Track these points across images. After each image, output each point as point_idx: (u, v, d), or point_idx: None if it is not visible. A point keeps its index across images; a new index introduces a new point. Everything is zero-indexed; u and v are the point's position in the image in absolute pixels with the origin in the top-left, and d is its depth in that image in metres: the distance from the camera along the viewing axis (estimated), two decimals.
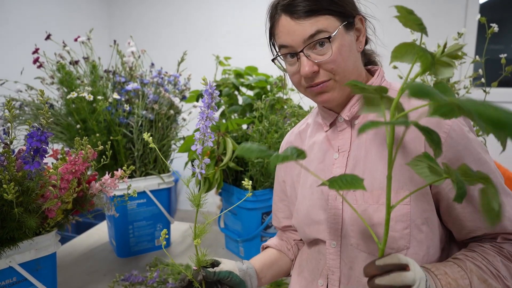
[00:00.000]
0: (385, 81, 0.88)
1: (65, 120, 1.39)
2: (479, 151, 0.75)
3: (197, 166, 0.77)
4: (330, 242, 0.84)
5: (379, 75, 0.88)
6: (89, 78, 1.47)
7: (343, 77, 0.80)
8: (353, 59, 0.81)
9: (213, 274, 0.85)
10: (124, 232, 1.44)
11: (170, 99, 1.49)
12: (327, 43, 0.77)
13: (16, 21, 3.18)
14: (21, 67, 1.49)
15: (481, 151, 0.76)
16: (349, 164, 0.84)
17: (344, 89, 0.81)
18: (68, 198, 0.94)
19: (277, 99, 1.62)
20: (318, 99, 0.83)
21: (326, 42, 0.77)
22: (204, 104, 0.76)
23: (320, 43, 0.77)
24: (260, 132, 1.43)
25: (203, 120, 0.75)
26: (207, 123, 0.75)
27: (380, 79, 0.87)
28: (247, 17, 3.92)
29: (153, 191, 1.46)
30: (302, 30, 0.77)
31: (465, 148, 0.74)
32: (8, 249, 0.85)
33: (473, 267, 0.71)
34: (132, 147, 1.45)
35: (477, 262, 0.72)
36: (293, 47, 0.79)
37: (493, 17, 3.46)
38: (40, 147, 0.83)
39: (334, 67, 0.78)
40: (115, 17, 4.38)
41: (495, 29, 1.20)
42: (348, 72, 0.80)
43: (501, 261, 0.72)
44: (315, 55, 0.78)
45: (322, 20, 0.76)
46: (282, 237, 1.08)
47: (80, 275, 1.31)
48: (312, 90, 0.82)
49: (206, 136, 0.75)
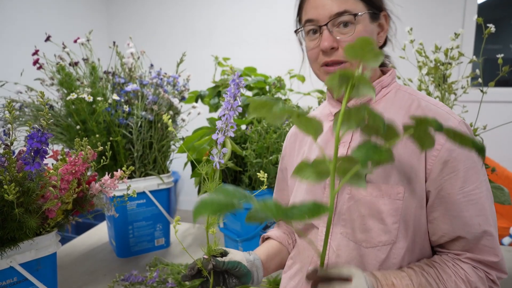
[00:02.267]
0: (396, 82, 0.90)
1: (65, 121, 1.39)
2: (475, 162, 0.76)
3: (216, 155, 0.76)
4: (322, 229, 0.86)
5: (390, 74, 0.89)
6: (88, 79, 1.47)
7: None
8: None
9: (223, 263, 0.86)
10: (124, 232, 1.44)
11: (169, 100, 1.49)
12: (351, 25, 0.80)
13: (16, 23, 3.19)
14: (21, 69, 1.50)
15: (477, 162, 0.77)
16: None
17: None
18: (68, 198, 0.94)
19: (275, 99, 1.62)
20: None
21: (350, 23, 0.79)
22: (230, 94, 0.75)
23: (345, 24, 0.80)
24: (259, 133, 1.44)
25: (228, 110, 0.74)
26: (231, 113, 0.75)
27: (391, 78, 0.89)
28: (246, 19, 3.93)
29: (152, 192, 1.47)
30: (330, 6, 0.79)
31: (462, 153, 0.75)
32: (9, 249, 0.85)
33: (424, 282, 0.73)
34: (132, 147, 1.45)
35: (430, 279, 0.74)
36: (318, 21, 0.81)
37: (491, 17, 3.47)
38: (41, 148, 0.84)
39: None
40: (114, 18, 4.39)
41: (492, 30, 1.21)
42: None
43: (455, 282, 0.74)
44: (337, 32, 0.80)
45: (351, 2, 0.79)
46: (283, 230, 1.09)
47: (80, 275, 1.32)
48: (328, 70, 0.84)
49: (228, 126, 0.75)
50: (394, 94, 0.86)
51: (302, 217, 0.46)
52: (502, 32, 3.51)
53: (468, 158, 0.75)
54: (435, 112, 0.79)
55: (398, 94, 0.86)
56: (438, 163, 0.76)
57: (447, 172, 0.75)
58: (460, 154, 0.75)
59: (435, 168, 0.76)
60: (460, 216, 0.76)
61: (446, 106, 0.82)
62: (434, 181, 0.76)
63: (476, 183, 0.75)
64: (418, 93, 0.86)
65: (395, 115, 0.82)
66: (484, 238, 0.76)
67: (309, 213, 0.46)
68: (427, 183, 0.77)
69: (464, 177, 0.75)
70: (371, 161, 0.47)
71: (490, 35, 1.22)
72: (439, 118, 0.77)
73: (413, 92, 0.86)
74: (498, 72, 1.23)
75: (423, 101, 0.82)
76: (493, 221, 0.77)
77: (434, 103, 0.82)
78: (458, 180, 0.75)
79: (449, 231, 0.77)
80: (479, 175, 0.76)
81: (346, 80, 0.50)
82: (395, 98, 0.85)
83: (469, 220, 0.75)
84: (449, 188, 0.76)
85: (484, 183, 0.77)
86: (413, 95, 0.85)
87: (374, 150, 0.49)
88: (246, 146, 1.45)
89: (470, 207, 0.75)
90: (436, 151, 0.76)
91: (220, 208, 0.46)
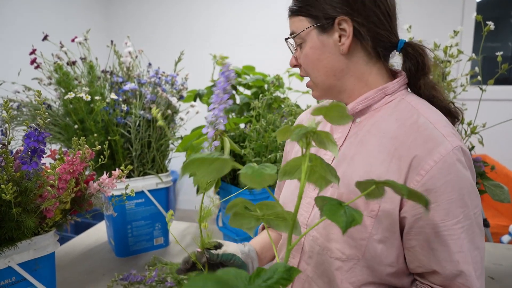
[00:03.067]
0: (404, 90, 0.84)
1: (63, 121, 1.39)
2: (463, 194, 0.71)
3: (207, 148, 0.76)
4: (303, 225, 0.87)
5: (398, 81, 0.83)
6: (86, 79, 1.47)
7: (315, 78, 0.84)
8: (326, 62, 0.81)
9: (217, 256, 0.86)
10: (122, 231, 1.44)
11: (168, 99, 1.49)
12: (300, 43, 0.83)
13: (13, 22, 3.18)
14: (19, 68, 1.49)
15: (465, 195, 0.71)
16: (335, 159, 0.84)
17: (325, 89, 0.85)
18: (66, 198, 0.94)
19: (274, 98, 1.62)
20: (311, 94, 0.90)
21: (298, 43, 0.83)
22: (220, 87, 0.73)
23: (298, 44, 0.84)
24: (258, 131, 1.43)
25: (217, 104, 0.73)
26: (221, 107, 0.73)
27: (398, 85, 0.82)
28: (244, 18, 3.93)
29: (151, 191, 1.46)
30: (289, 27, 0.85)
31: (448, 184, 0.70)
32: (7, 249, 0.85)
33: None
34: (130, 147, 1.45)
35: None
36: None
37: (490, 15, 3.47)
38: (38, 147, 0.84)
39: (304, 67, 0.85)
40: (112, 17, 4.38)
41: (491, 27, 1.21)
42: (319, 74, 0.83)
43: None
44: (297, 51, 0.86)
45: (296, 22, 0.82)
46: None
47: (79, 274, 1.32)
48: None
49: (218, 119, 0.74)
50: (396, 103, 0.81)
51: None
52: (501, 30, 3.51)
53: (454, 190, 0.70)
54: (429, 133, 0.73)
55: (401, 104, 0.81)
56: (419, 190, 0.70)
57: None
58: (445, 184, 0.69)
59: None
60: (438, 250, 0.71)
61: (448, 126, 0.75)
62: (413, 207, 0.72)
63: (461, 217, 0.70)
64: (423, 106, 0.79)
65: (389, 125, 0.78)
66: (460, 276, 0.71)
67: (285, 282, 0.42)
68: (404, 208, 0.73)
69: (447, 210, 0.70)
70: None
71: (489, 33, 1.22)
72: (431, 141, 0.72)
73: (418, 104, 0.79)
74: (497, 70, 1.23)
75: (422, 118, 0.76)
76: (472, 259, 0.72)
77: (433, 121, 0.75)
78: (440, 212, 0.70)
79: (426, 264, 0.74)
80: (465, 208, 0.70)
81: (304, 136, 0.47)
82: (396, 108, 0.80)
83: (447, 256, 0.71)
84: (429, 219, 0.71)
85: (473, 216, 0.72)
86: (415, 109, 0.78)
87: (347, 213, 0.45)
88: (245, 145, 1.45)
89: (451, 243, 0.70)
90: (419, 176, 0.71)
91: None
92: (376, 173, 0.75)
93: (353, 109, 0.83)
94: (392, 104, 0.81)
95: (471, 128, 1.24)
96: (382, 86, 0.82)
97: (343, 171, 0.81)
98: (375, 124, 0.81)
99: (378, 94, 0.82)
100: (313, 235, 0.82)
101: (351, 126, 0.85)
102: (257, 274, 0.42)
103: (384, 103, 0.82)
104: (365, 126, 0.82)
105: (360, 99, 0.82)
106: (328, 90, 0.85)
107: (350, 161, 0.81)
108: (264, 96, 1.50)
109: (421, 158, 0.71)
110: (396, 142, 0.75)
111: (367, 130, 0.81)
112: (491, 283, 1.23)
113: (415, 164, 0.71)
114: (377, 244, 0.75)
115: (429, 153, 0.71)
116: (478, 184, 1.21)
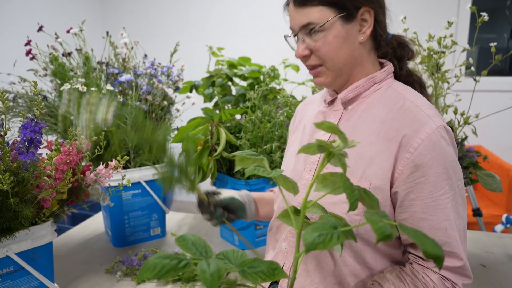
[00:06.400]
0: (390, 78, 0.91)
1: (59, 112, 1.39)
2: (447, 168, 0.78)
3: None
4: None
5: (386, 71, 0.90)
6: (82, 70, 1.47)
7: (333, 65, 0.85)
8: (347, 50, 0.84)
9: (220, 200, 0.99)
10: (119, 222, 1.45)
11: (164, 90, 1.49)
12: (320, 32, 0.82)
13: (8, 12, 3.15)
14: (14, 59, 1.49)
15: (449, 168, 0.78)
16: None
17: (336, 76, 0.87)
18: (63, 188, 0.95)
19: (270, 89, 1.63)
20: (314, 81, 0.90)
21: (319, 31, 0.82)
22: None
23: (315, 32, 0.82)
24: (253, 122, 1.44)
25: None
26: None
27: (385, 74, 0.90)
28: (240, 8, 3.91)
29: (148, 182, 1.47)
30: (298, 18, 0.84)
31: (434, 159, 0.77)
32: (5, 238, 0.86)
33: None
34: (126, 138, 1.45)
35: None
36: (293, 30, 0.87)
37: (486, 7, 3.47)
38: (34, 137, 0.84)
39: (321, 55, 0.84)
40: (108, 8, 4.35)
41: (485, 18, 1.22)
42: (339, 61, 0.85)
43: None
44: (309, 41, 0.84)
45: (314, 12, 0.81)
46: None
47: (77, 264, 1.33)
48: (310, 72, 0.90)
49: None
50: (384, 91, 0.88)
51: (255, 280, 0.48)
52: (497, 21, 3.52)
53: (439, 164, 0.77)
54: (415, 115, 0.81)
55: (388, 91, 0.88)
56: (409, 166, 0.78)
57: (418, 176, 0.77)
58: (432, 159, 0.76)
59: (406, 170, 0.78)
60: (427, 219, 0.78)
61: (431, 108, 0.83)
62: (404, 182, 0.79)
63: (446, 188, 0.77)
64: (408, 92, 0.87)
65: (378, 111, 0.85)
66: (448, 243, 0.78)
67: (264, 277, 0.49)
68: (396, 183, 0.80)
69: (434, 182, 0.77)
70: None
71: (485, 24, 1.23)
72: (416, 121, 0.79)
73: (404, 90, 0.87)
74: (491, 61, 1.23)
75: (408, 102, 0.84)
76: (457, 226, 0.79)
77: (418, 104, 0.83)
78: (428, 184, 0.77)
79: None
80: (449, 180, 0.78)
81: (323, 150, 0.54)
82: (383, 95, 0.87)
83: (436, 224, 0.78)
84: (418, 192, 0.78)
85: (456, 187, 0.79)
86: (401, 94, 0.86)
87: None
88: (241, 135, 1.45)
89: (438, 212, 0.77)
90: (408, 153, 0.78)
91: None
92: (367, 154, 0.82)
93: (345, 97, 0.89)
94: (380, 92, 0.88)
95: (464, 118, 1.25)
96: (371, 75, 0.88)
97: None
98: (365, 110, 0.87)
99: (367, 83, 0.88)
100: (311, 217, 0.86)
101: (343, 113, 0.91)
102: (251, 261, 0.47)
103: (372, 91, 0.89)
104: (356, 112, 0.89)
105: (351, 87, 0.89)
106: (339, 77, 0.88)
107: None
108: (260, 87, 1.51)
109: (410, 137, 0.78)
110: (385, 126, 0.83)
111: (358, 116, 0.88)
112: (483, 270, 1.25)
113: (404, 142, 0.79)
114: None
115: (416, 132, 0.78)
116: (471, 174, 1.23)
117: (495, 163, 2.80)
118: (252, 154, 0.66)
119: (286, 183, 0.64)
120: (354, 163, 0.82)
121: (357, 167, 0.82)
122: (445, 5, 3.32)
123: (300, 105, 1.14)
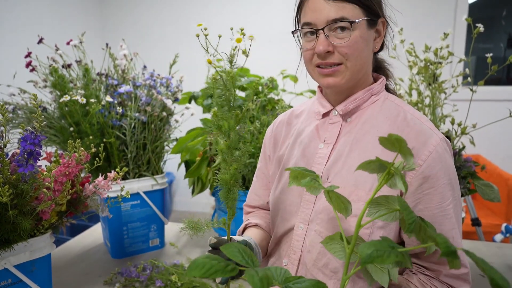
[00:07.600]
0: (384, 91, 0.92)
1: (58, 123, 1.40)
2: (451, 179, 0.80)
3: None
4: (299, 225, 0.91)
5: (381, 83, 0.91)
6: (81, 81, 1.48)
7: (354, 65, 0.83)
8: (366, 54, 0.85)
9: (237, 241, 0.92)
10: (118, 233, 1.45)
11: (163, 101, 1.50)
12: (347, 30, 0.80)
13: (8, 24, 3.18)
14: (14, 71, 1.50)
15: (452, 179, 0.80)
16: (332, 157, 0.89)
17: (351, 79, 0.85)
18: (62, 200, 0.95)
19: (268, 100, 1.64)
20: (324, 81, 0.86)
21: (347, 28, 0.80)
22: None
23: (341, 28, 0.80)
24: (252, 133, 1.45)
25: None
26: None
27: (381, 86, 0.91)
28: (239, 21, 3.94)
29: (146, 192, 1.47)
30: (328, 11, 0.80)
31: (440, 171, 0.79)
32: (3, 251, 0.86)
33: None
34: (126, 149, 1.46)
35: None
36: (316, 24, 0.82)
37: (482, 17, 3.50)
38: (34, 150, 0.84)
39: (348, 52, 0.81)
40: (108, 20, 4.38)
41: (481, 29, 1.23)
42: (360, 63, 0.84)
43: None
44: (333, 37, 0.81)
45: (348, 8, 0.80)
46: (264, 219, 1.09)
47: (75, 276, 1.32)
48: (322, 71, 0.85)
49: None
50: (381, 102, 0.89)
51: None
52: (494, 31, 3.55)
53: (445, 175, 0.79)
54: (420, 128, 0.82)
55: (386, 103, 0.89)
56: (418, 177, 0.78)
57: (427, 187, 0.78)
58: (440, 171, 0.78)
59: (414, 182, 0.79)
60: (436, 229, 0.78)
61: (429, 121, 0.86)
62: (413, 194, 0.79)
63: (451, 198, 0.79)
64: (404, 104, 0.89)
65: (381, 123, 0.86)
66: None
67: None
68: (405, 195, 0.79)
69: (442, 193, 0.78)
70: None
71: (482, 34, 1.24)
72: (422, 134, 0.81)
73: (400, 103, 0.89)
74: (487, 71, 1.24)
75: (409, 114, 0.85)
76: (460, 233, 0.81)
77: (418, 117, 0.85)
78: (437, 195, 0.78)
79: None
80: (453, 191, 0.80)
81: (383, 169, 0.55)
82: (382, 107, 0.89)
83: (444, 234, 0.78)
84: (427, 202, 0.79)
85: (457, 196, 0.81)
86: (400, 106, 0.88)
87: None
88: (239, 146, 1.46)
89: (446, 221, 0.79)
90: (417, 165, 0.78)
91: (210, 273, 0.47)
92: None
93: (346, 108, 0.89)
94: (378, 103, 0.89)
95: (461, 128, 1.26)
96: (369, 87, 0.89)
97: (340, 167, 0.86)
98: (366, 122, 0.87)
99: (366, 94, 0.89)
100: (316, 230, 0.86)
101: (342, 125, 0.91)
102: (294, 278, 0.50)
103: (370, 102, 0.89)
104: (357, 124, 0.88)
105: (351, 99, 0.89)
106: (352, 81, 0.86)
107: (347, 158, 0.86)
108: (258, 98, 1.52)
109: (418, 149, 0.79)
110: None
111: (359, 128, 0.88)
112: (483, 280, 1.25)
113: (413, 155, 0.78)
114: (379, 231, 0.81)
115: (424, 145, 0.79)
116: (469, 184, 1.24)
117: (493, 172, 2.80)
118: (306, 170, 0.64)
119: (338, 203, 0.62)
120: (361, 175, 0.81)
121: (365, 180, 0.82)
122: (442, 16, 3.35)
123: (283, 117, 1.10)
